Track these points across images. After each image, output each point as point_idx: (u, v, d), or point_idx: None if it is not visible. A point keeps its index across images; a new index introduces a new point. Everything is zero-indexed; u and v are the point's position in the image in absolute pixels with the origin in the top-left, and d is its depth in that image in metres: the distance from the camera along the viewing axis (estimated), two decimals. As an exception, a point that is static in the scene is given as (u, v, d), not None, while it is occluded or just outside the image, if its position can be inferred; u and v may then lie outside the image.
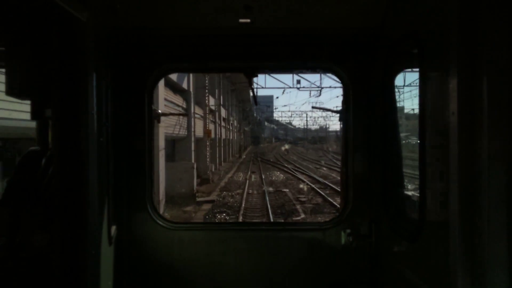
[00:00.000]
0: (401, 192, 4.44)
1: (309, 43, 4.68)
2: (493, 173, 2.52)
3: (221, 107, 54.42)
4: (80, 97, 3.39)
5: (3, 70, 3.63)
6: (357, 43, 4.61)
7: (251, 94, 6.49)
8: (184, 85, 35.14)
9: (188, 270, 4.69)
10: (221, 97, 54.59)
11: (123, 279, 4.44)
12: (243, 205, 25.87)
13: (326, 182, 35.22)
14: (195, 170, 31.39)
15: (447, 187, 2.77)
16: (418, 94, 3.40)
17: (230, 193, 31.29)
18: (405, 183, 4.60)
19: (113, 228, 4.12)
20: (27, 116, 3.86)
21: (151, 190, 4.80)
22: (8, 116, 13.96)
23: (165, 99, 27.78)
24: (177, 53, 4.78)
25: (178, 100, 33.60)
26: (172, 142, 35.96)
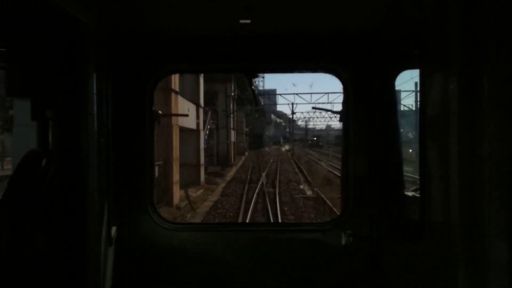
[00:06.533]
0: (402, 193, 4.43)
1: (309, 44, 4.68)
2: (494, 173, 2.52)
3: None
4: (81, 98, 3.39)
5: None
6: (357, 44, 4.61)
7: (252, 94, 6.50)
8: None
9: (188, 271, 4.68)
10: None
11: (123, 279, 4.43)
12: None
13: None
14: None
15: (448, 187, 2.77)
16: (418, 94, 3.40)
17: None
18: (405, 184, 4.59)
19: (113, 229, 4.12)
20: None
21: (151, 191, 4.80)
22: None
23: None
24: (178, 54, 4.78)
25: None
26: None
